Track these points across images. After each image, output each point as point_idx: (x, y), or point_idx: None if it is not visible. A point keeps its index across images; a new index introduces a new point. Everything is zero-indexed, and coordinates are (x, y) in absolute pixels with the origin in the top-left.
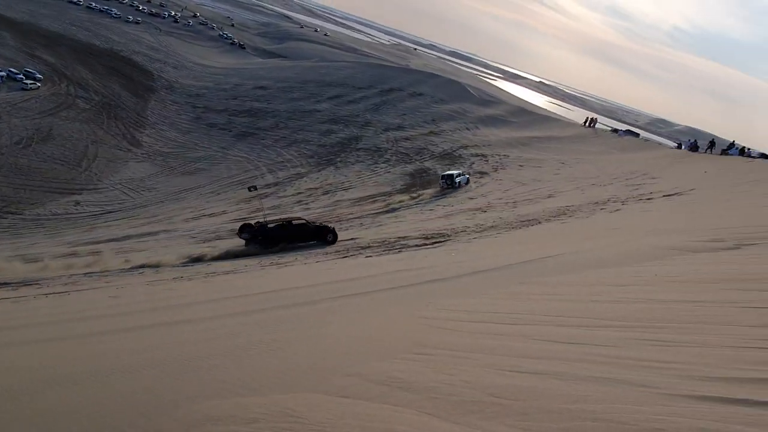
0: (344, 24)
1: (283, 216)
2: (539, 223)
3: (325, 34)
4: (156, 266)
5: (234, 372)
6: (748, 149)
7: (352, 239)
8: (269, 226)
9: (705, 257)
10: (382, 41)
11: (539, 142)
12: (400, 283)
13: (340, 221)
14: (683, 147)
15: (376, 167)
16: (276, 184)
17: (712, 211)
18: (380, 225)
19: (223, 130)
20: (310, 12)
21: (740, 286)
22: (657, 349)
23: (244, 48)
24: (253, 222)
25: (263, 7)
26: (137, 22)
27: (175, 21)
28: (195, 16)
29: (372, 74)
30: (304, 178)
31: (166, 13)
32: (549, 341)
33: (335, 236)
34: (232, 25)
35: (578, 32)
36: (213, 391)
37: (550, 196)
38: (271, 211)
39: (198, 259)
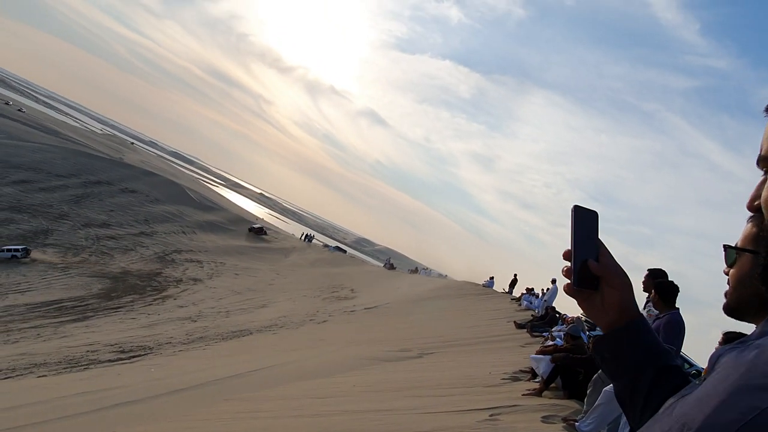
0: (47, 103)
1: None
2: (251, 333)
3: (20, 110)
4: None
5: None
6: (428, 269)
7: (22, 354)
8: None
9: (395, 366)
10: (94, 129)
11: (257, 252)
12: (78, 409)
13: (7, 332)
14: (385, 265)
15: (68, 267)
16: None
17: (402, 323)
18: (65, 336)
19: None
20: (2, 82)
21: (420, 392)
22: None
23: None
24: None
25: None
26: None
27: None
28: None
29: (76, 162)
30: None
31: None
32: None
33: None
34: None
35: (298, 153)
36: None
37: (263, 306)
38: None
39: None
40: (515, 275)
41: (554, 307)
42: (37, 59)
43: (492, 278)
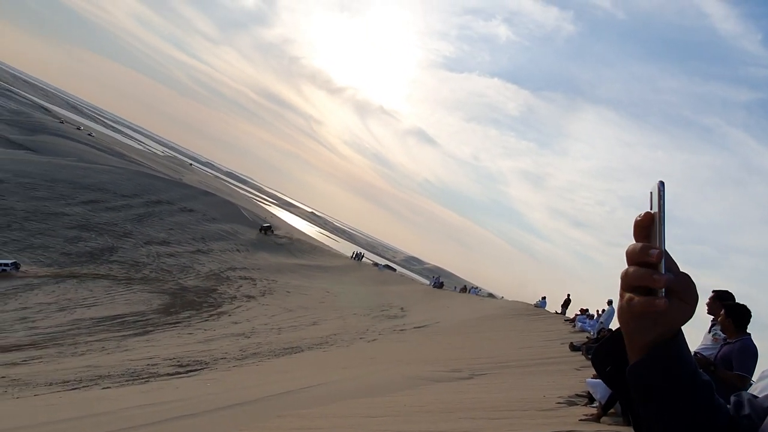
0: (114, 127)
1: None
2: (302, 351)
3: (90, 134)
4: None
5: None
6: (477, 288)
7: (88, 367)
8: None
9: (446, 387)
10: (156, 151)
11: (308, 270)
12: (140, 421)
13: (75, 345)
14: (433, 284)
15: (130, 283)
16: None
17: (452, 343)
18: (127, 350)
19: None
20: (75, 108)
21: (472, 414)
22: None
23: None
24: None
25: (13, 92)
26: None
27: None
28: None
29: (139, 183)
30: (36, 291)
31: None
32: None
33: None
34: None
35: (348, 172)
36: None
37: (314, 324)
38: None
39: None
40: (568, 295)
41: (611, 329)
42: (105, 86)
43: (544, 298)
